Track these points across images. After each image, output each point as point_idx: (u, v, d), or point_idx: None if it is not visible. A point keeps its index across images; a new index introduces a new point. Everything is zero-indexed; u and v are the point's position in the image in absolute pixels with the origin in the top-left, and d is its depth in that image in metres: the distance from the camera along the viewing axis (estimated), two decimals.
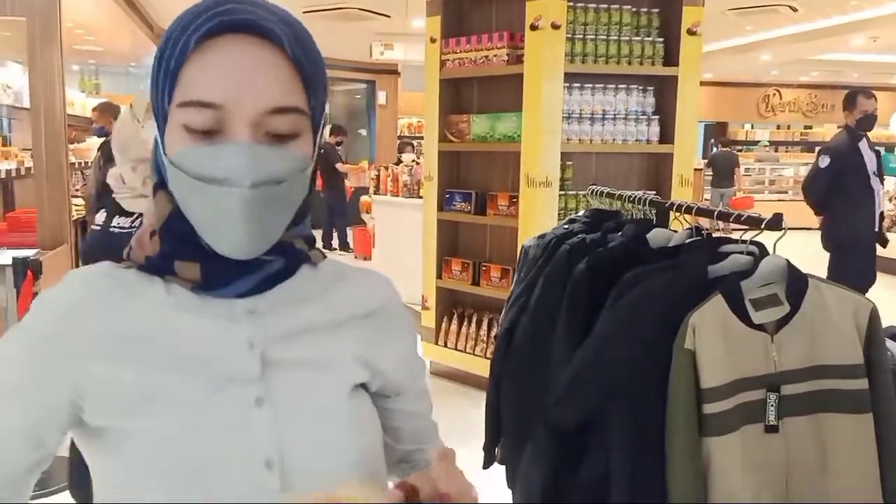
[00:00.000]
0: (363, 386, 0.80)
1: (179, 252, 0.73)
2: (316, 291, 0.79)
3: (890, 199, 8.81)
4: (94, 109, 5.82)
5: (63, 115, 4.35)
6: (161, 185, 0.74)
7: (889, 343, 1.48)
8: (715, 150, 12.29)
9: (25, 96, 5.35)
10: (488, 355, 3.43)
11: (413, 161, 7.18)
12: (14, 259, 3.14)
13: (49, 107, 4.26)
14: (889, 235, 8.02)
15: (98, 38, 9.37)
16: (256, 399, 0.71)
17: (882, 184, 4.85)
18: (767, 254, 1.41)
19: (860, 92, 4.80)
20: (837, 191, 4.64)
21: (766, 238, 1.43)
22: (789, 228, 1.35)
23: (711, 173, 11.32)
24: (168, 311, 0.73)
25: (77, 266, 4.85)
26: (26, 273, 3.06)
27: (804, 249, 4.84)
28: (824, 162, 4.67)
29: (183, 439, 0.68)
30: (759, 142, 15.28)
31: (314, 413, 0.72)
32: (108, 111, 5.54)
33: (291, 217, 0.74)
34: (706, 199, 11.85)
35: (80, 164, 6.90)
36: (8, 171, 4.98)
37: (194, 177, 0.68)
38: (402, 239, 5.61)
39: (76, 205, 5.26)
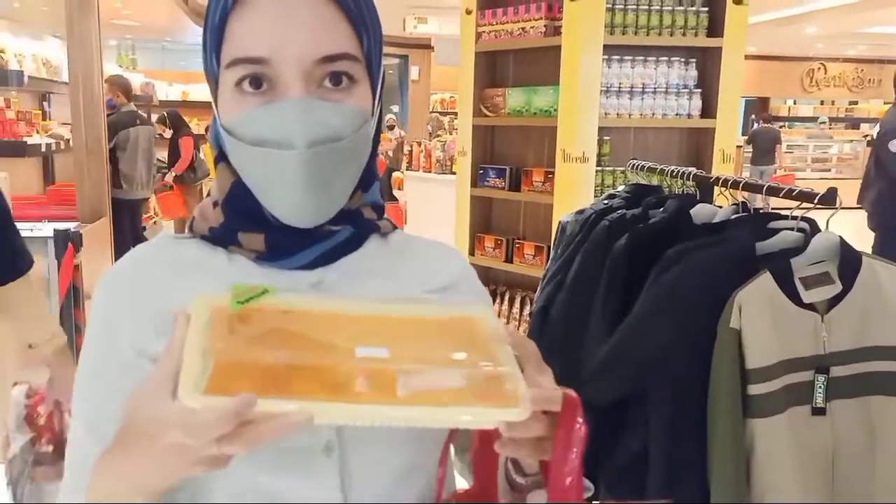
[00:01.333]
0: None
1: (243, 223, 0.71)
2: (386, 264, 0.75)
3: None
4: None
5: (101, 88, 4.39)
6: (222, 156, 0.72)
7: None
8: (756, 125, 12.00)
9: (64, 71, 5.42)
10: (522, 333, 3.40)
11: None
12: (55, 231, 3.19)
13: (87, 80, 4.29)
14: None
15: (134, 13, 9.46)
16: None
17: None
18: (819, 230, 1.35)
19: None
20: None
21: (818, 215, 1.37)
22: (841, 207, 1.30)
23: (751, 150, 11.06)
24: (230, 281, 0.69)
25: (115, 239, 4.93)
26: (67, 245, 3.10)
27: (852, 229, 4.72)
28: (895, 146, 4.36)
29: None
30: (812, 118, 14.83)
31: None
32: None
33: (356, 180, 0.71)
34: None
35: None
36: (48, 146, 5.06)
37: (250, 142, 0.66)
38: (434, 216, 5.58)
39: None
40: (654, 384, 1.39)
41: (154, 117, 8.24)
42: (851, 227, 4.70)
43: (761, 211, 1.50)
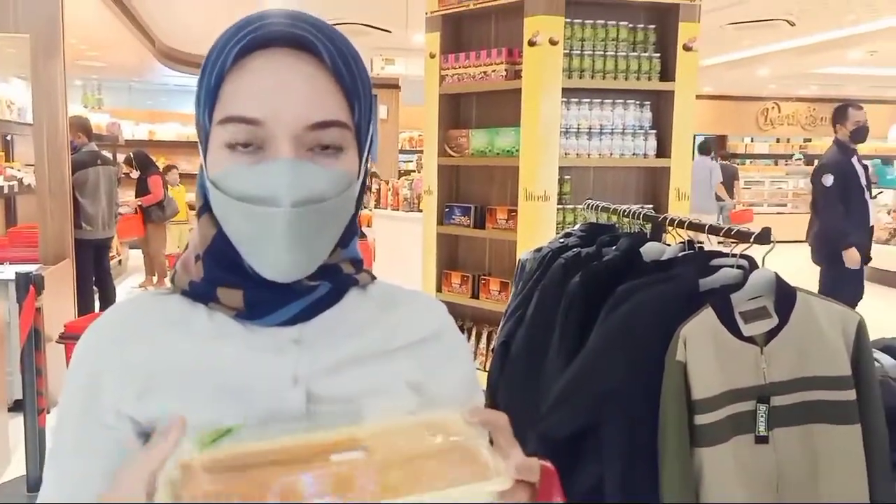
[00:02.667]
0: None
1: (223, 277, 0.71)
2: (365, 317, 0.75)
3: (889, 213, 8.83)
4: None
5: (66, 130, 4.40)
6: (205, 208, 0.73)
7: (877, 354, 1.50)
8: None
9: (29, 112, 5.40)
10: (486, 368, 3.45)
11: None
12: (17, 274, 3.17)
13: (52, 123, 4.31)
14: (889, 248, 8.05)
15: (101, 54, 9.46)
16: None
17: (871, 197, 4.86)
18: (757, 267, 1.43)
19: (849, 105, 4.83)
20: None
21: (758, 251, 1.46)
22: (791, 241, 1.38)
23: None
24: (211, 342, 0.71)
25: (77, 280, 4.87)
26: (29, 288, 3.08)
27: (805, 261, 4.87)
28: (829, 181, 4.60)
29: None
30: (769, 155, 15.21)
31: None
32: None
33: (337, 238, 0.72)
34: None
35: None
36: (10, 187, 5.03)
37: (235, 197, 0.67)
38: (402, 252, 5.64)
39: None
40: (607, 415, 1.45)
41: (121, 157, 8.19)
42: (802, 262, 4.84)
43: (709, 249, 1.59)
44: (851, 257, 4.52)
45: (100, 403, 0.69)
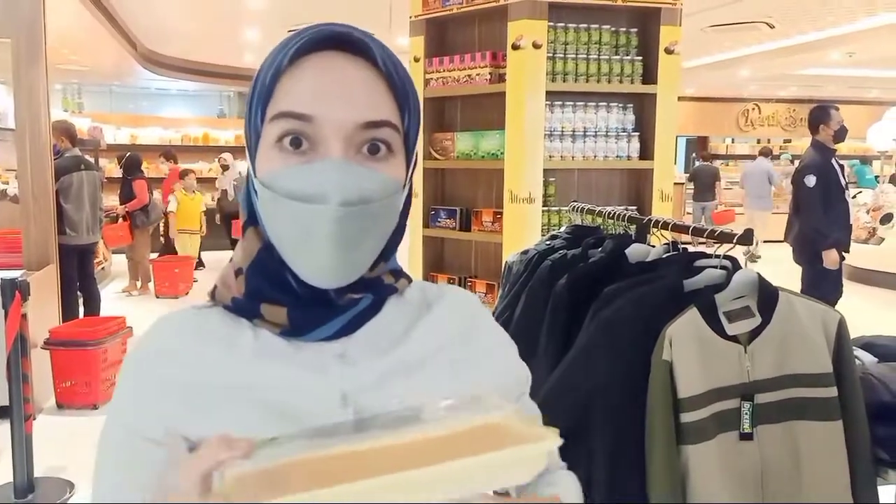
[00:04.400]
0: None
1: (265, 292, 0.71)
2: (405, 324, 0.75)
3: (868, 212, 8.96)
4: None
5: (48, 135, 4.37)
6: (251, 221, 0.73)
7: (857, 352, 1.54)
8: (697, 164, 12.46)
9: (9, 117, 5.35)
10: None
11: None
12: (3, 280, 3.14)
13: (34, 127, 4.28)
14: (868, 247, 8.17)
15: (81, 58, 9.39)
16: None
17: (851, 196, 4.94)
18: (740, 268, 1.46)
19: (828, 106, 4.90)
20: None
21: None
22: (773, 241, 1.41)
23: (693, 187, 11.46)
24: (256, 359, 0.70)
25: (61, 286, 4.83)
26: (14, 294, 3.06)
27: (787, 261, 4.94)
28: (811, 181, 4.64)
29: None
30: (749, 156, 15.37)
31: None
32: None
33: (381, 247, 0.72)
34: (688, 213, 11.99)
35: None
36: None
37: (284, 195, 0.67)
38: None
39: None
40: (595, 415, 1.47)
41: (104, 162, 8.13)
42: (786, 261, 4.87)
43: (692, 250, 1.62)
44: (831, 258, 4.58)
45: (147, 420, 0.68)
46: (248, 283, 0.72)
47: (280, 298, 0.70)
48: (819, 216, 4.64)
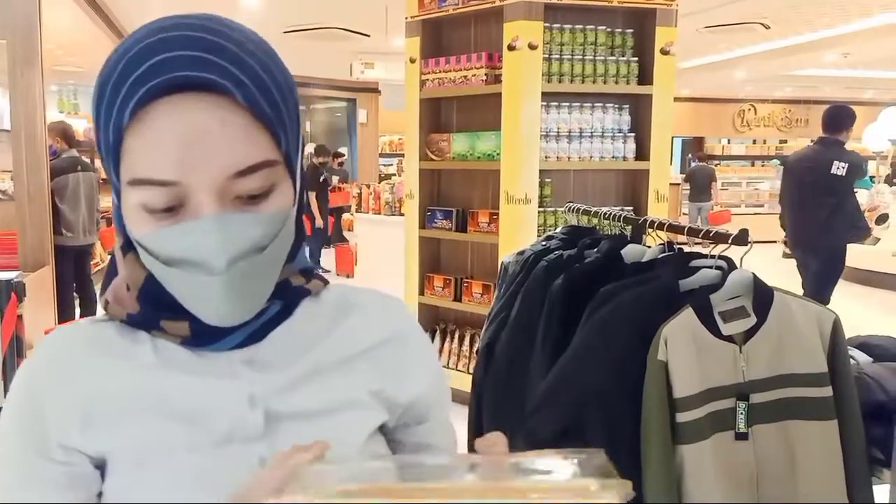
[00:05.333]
0: (381, 426, 0.72)
1: (164, 313, 0.66)
2: (321, 327, 0.71)
3: (863, 212, 8.98)
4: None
5: (44, 136, 4.36)
6: (129, 245, 0.66)
7: (852, 352, 1.54)
8: (693, 164, 12.48)
9: (5, 118, 5.34)
10: (470, 370, 3.47)
11: None
12: None
13: (30, 129, 4.27)
14: (863, 247, 8.19)
15: (77, 59, 9.37)
16: (260, 459, 0.64)
17: None
18: (735, 268, 1.47)
19: (853, 111, 4.83)
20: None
21: (742, 252, 1.49)
22: (767, 241, 1.42)
23: (689, 188, 11.48)
24: (156, 370, 0.66)
25: (57, 287, 4.82)
26: (10, 295, 3.06)
27: (781, 261, 4.95)
28: (843, 169, 4.54)
29: (185, 500, 0.63)
30: (745, 156, 15.40)
31: None
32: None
33: (280, 271, 0.66)
34: (684, 214, 12.01)
35: None
36: None
37: (163, 261, 0.61)
38: (384, 256, 5.64)
39: None
40: (591, 414, 1.47)
41: (98, 163, 8.10)
42: (780, 261, 4.88)
43: (688, 250, 1.62)
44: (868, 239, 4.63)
45: (45, 439, 0.64)
46: (142, 305, 0.67)
47: (179, 315, 0.65)
48: (855, 203, 4.67)
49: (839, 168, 4.64)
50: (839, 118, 4.73)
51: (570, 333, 1.58)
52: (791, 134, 15.66)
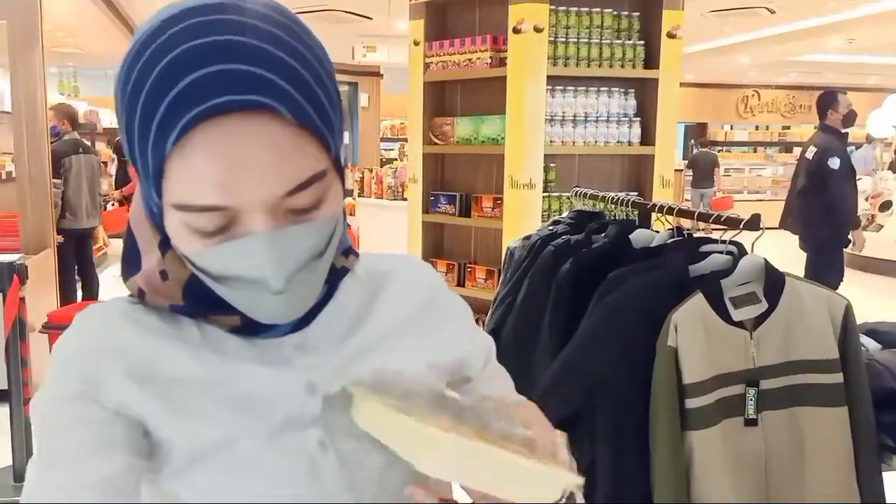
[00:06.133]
0: None
1: (211, 309, 0.63)
2: (361, 302, 0.71)
3: (867, 199, 8.96)
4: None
5: (45, 118, 4.33)
6: (168, 243, 0.62)
7: (863, 338, 1.53)
8: (695, 150, 12.43)
9: (5, 100, 5.31)
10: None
11: None
12: (0, 264, 3.13)
13: (31, 110, 4.24)
14: (866, 234, 8.18)
15: (77, 40, 9.31)
16: (319, 443, 0.64)
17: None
18: (746, 253, 1.45)
19: (836, 91, 4.84)
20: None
21: (745, 238, 1.48)
22: (771, 228, 1.40)
23: (692, 174, 11.44)
24: (210, 356, 0.64)
25: (60, 270, 4.81)
26: (13, 277, 3.05)
27: (784, 248, 4.93)
28: (836, 164, 4.51)
29: (243, 494, 0.62)
30: (748, 142, 15.33)
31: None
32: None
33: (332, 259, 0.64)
34: (686, 200, 11.98)
35: None
36: None
37: (214, 277, 0.59)
38: (386, 241, 5.63)
39: None
40: (599, 401, 1.47)
41: (100, 146, 8.09)
42: (789, 248, 4.89)
43: (696, 235, 1.61)
44: (861, 239, 4.57)
45: (103, 406, 0.60)
46: (187, 298, 0.64)
47: (229, 312, 0.62)
48: (848, 198, 4.57)
49: (810, 152, 4.70)
50: (820, 101, 4.81)
51: (578, 319, 1.56)
52: (794, 120, 15.59)
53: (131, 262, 0.68)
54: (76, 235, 5.49)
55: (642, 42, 3.56)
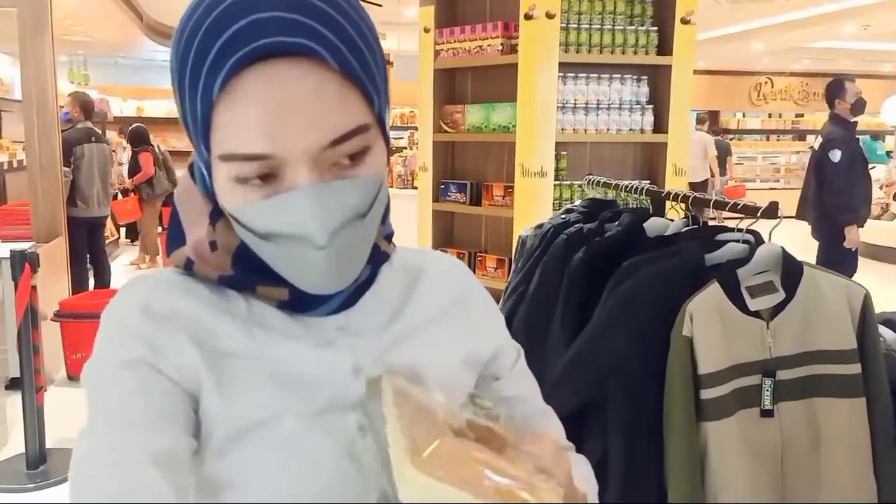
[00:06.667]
0: None
1: (261, 278, 0.64)
2: (399, 292, 0.72)
3: (881, 187, 8.87)
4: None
5: (56, 106, 4.34)
6: (219, 213, 0.64)
7: (881, 328, 1.51)
8: None
9: (16, 88, 5.32)
10: None
11: None
12: (12, 252, 3.14)
13: (41, 99, 4.25)
14: (881, 223, 8.11)
15: (87, 28, 9.31)
16: (359, 426, 0.64)
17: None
18: (763, 242, 1.43)
19: (844, 78, 4.78)
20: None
21: (762, 226, 1.45)
22: (785, 217, 1.38)
23: None
24: (257, 331, 0.64)
25: (71, 258, 4.83)
26: (24, 266, 3.05)
27: (795, 237, 4.89)
28: (836, 156, 4.50)
29: (281, 473, 0.62)
30: (761, 130, 15.22)
31: None
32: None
33: (375, 235, 0.65)
34: None
35: None
36: (0, 164, 4.97)
37: (260, 236, 0.59)
38: (396, 229, 5.59)
39: None
40: (611, 392, 1.45)
41: (111, 134, 8.10)
42: (797, 238, 4.87)
43: (710, 223, 1.58)
44: (852, 236, 4.51)
45: (163, 374, 0.60)
46: (236, 267, 0.65)
47: (278, 282, 0.63)
48: (845, 192, 4.54)
49: (817, 142, 4.72)
50: (828, 90, 4.79)
51: (591, 308, 1.55)
52: (808, 108, 15.43)
53: (175, 238, 0.69)
54: (87, 224, 5.51)
55: (655, 28, 3.52)
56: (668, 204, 1.78)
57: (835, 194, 4.56)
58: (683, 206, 1.65)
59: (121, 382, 0.59)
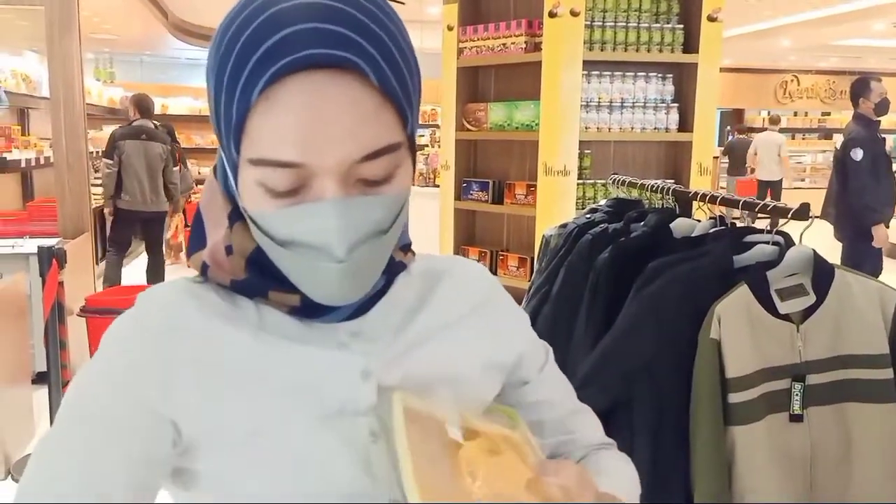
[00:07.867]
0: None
1: (273, 283, 0.64)
2: (416, 298, 0.72)
3: None
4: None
5: (83, 104, 4.39)
6: (238, 215, 0.65)
7: None
8: (731, 137, 12.18)
9: (43, 86, 5.39)
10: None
11: None
12: (40, 248, 3.18)
13: (69, 96, 4.30)
14: None
15: (113, 26, 9.42)
16: (370, 432, 0.63)
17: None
18: (793, 243, 1.40)
19: (869, 78, 4.72)
20: None
21: (791, 227, 1.43)
22: (815, 218, 1.35)
23: (728, 161, 11.22)
24: (268, 338, 0.64)
25: (97, 255, 4.90)
26: (51, 261, 3.09)
27: (824, 237, 4.81)
28: (858, 155, 4.46)
29: (292, 480, 0.62)
30: (786, 129, 15.06)
31: None
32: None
33: (394, 246, 0.65)
34: (721, 188, 11.77)
35: (97, 152, 6.98)
36: (27, 161, 5.04)
37: (279, 242, 0.59)
38: (418, 228, 5.59)
39: (94, 193, 5.39)
40: (637, 394, 1.43)
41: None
42: (827, 237, 4.77)
43: (739, 225, 1.56)
44: (880, 234, 4.44)
45: (146, 398, 0.60)
46: (250, 274, 0.65)
47: (290, 288, 0.63)
48: (868, 191, 4.48)
49: (840, 142, 4.69)
50: (852, 89, 4.75)
51: (616, 309, 1.53)
52: (834, 106, 15.20)
53: (197, 241, 0.70)
54: (138, 218, 5.76)
55: (681, 26, 3.48)
56: (695, 204, 1.75)
57: (857, 194, 4.52)
58: (710, 206, 1.62)
59: (87, 429, 0.59)
